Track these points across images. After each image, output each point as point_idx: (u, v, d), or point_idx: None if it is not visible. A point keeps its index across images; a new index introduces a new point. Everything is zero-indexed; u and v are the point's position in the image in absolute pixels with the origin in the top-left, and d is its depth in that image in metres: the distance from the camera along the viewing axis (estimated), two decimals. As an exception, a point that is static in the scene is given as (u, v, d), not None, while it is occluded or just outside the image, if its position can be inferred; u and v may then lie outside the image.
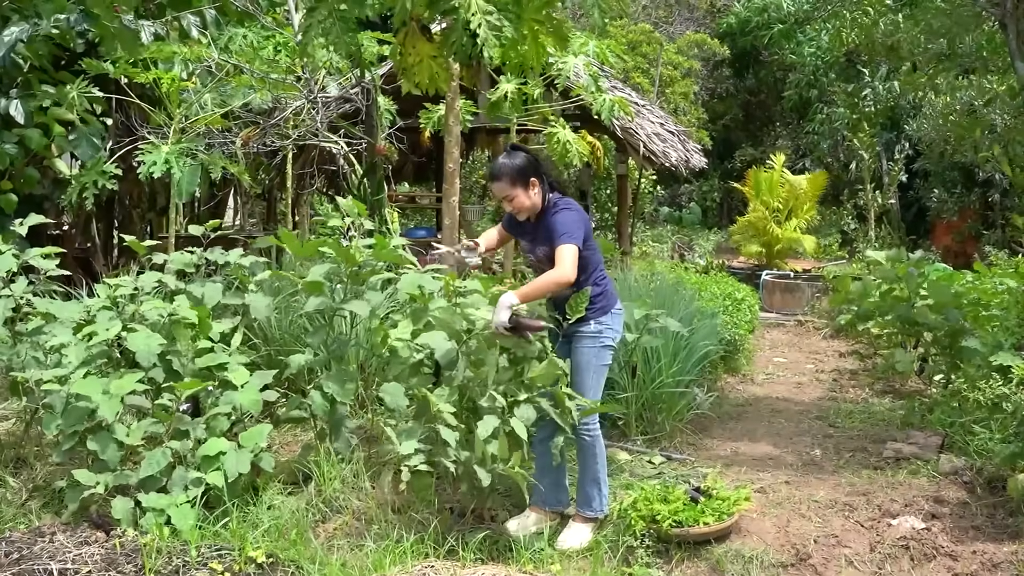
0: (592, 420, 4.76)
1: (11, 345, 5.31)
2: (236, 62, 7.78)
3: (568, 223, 4.62)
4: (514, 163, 4.74)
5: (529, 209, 4.78)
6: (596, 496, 4.81)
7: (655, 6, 25.44)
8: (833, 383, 8.80)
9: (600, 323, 4.77)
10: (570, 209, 4.72)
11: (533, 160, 4.79)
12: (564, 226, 4.61)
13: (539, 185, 4.76)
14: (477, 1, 4.56)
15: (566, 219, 4.64)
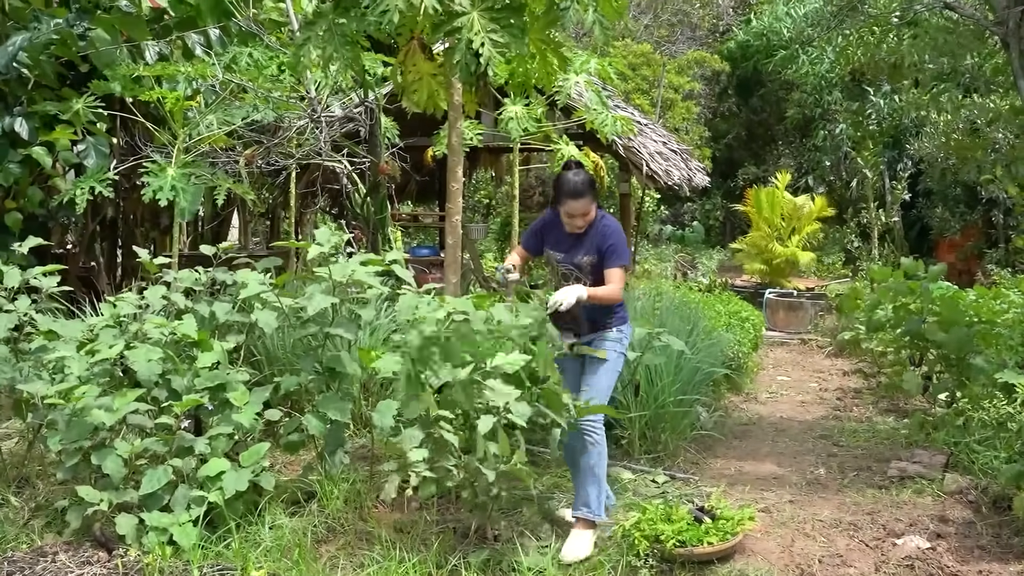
0: (598, 420, 4.89)
1: (14, 363, 5.31)
2: (240, 81, 7.81)
3: (620, 243, 4.90)
4: (589, 178, 4.93)
5: (585, 222, 4.95)
6: (595, 497, 4.86)
7: (657, 26, 25.53)
8: (837, 402, 8.78)
9: (620, 331, 5.05)
10: (615, 224, 5.00)
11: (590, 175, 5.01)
12: (617, 246, 4.88)
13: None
14: (480, 20, 4.58)
15: (618, 238, 4.91)
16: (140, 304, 5.48)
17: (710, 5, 25.90)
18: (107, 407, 4.49)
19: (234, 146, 8.94)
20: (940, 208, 17.76)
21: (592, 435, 4.86)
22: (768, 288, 13.98)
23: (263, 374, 5.88)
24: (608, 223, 4.99)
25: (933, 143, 13.17)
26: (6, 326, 5.30)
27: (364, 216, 8.96)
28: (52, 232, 8.84)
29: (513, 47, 4.62)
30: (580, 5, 4.85)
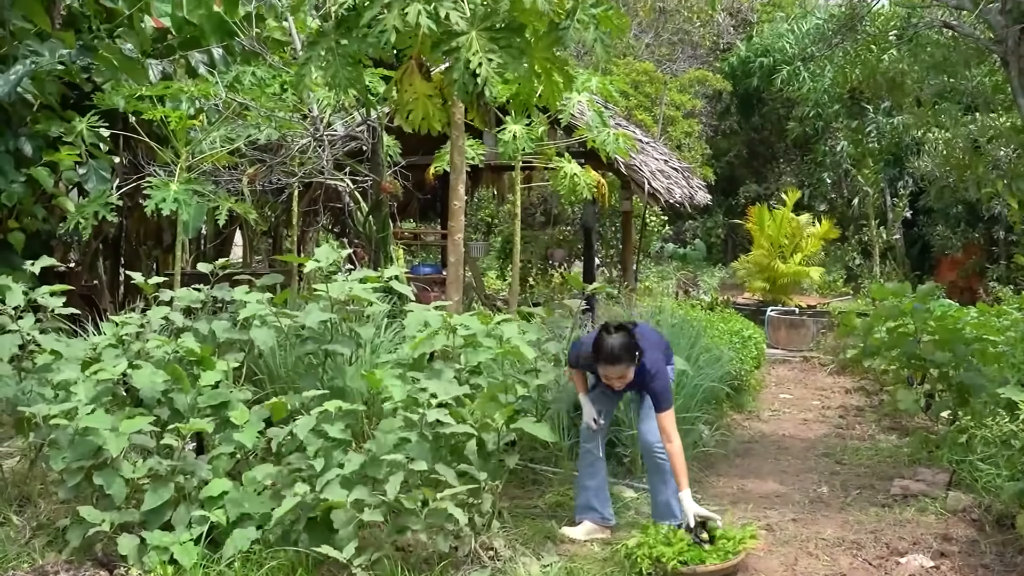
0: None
1: (17, 382, 5.32)
2: (243, 100, 7.84)
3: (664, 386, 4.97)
4: (627, 343, 4.90)
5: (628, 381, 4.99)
6: (678, 508, 5.02)
7: (658, 44, 25.62)
8: (839, 420, 8.77)
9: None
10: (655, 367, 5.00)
11: (631, 333, 4.96)
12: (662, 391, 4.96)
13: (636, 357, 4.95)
14: (479, 40, 4.60)
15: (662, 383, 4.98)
16: (142, 323, 5.49)
17: (711, 24, 25.99)
18: (112, 428, 4.49)
19: (237, 165, 8.97)
20: (941, 226, 17.78)
21: (661, 456, 5.05)
22: (770, 306, 13.98)
23: (264, 392, 5.88)
24: (649, 367, 4.97)
25: (934, 161, 13.19)
26: (11, 345, 5.31)
27: (366, 234, 8.98)
28: (55, 251, 8.86)
29: (511, 67, 4.63)
30: (581, 24, 4.88)
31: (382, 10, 4.63)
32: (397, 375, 4.86)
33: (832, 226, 15.52)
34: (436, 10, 4.55)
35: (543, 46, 5.11)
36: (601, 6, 4.97)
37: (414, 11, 4.50)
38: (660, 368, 5.02)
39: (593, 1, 4.96)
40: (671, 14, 25.50)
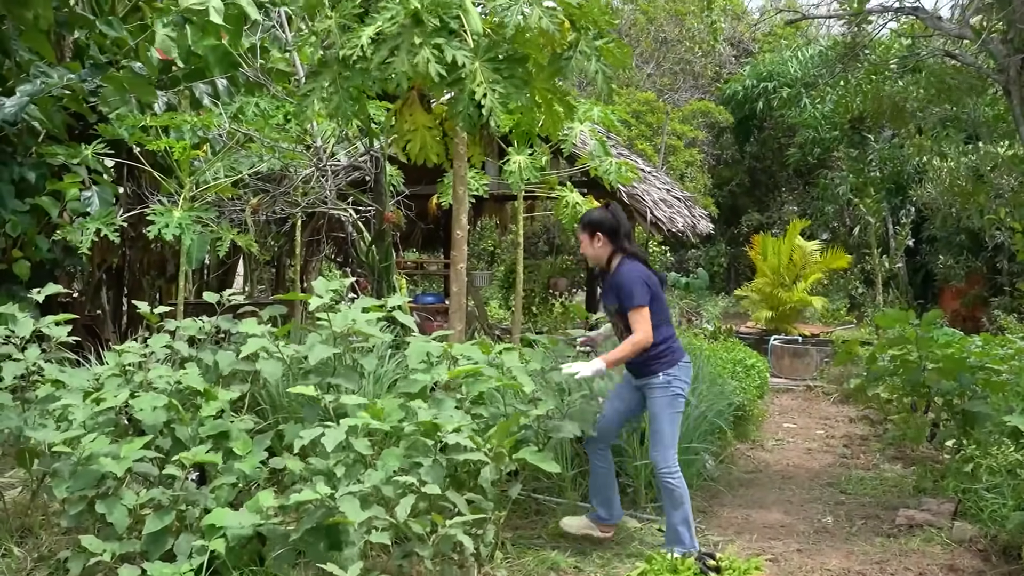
0: (673, 464, 5.15)
1: (20, 412, 5.31)
2: (246, 131, 7.87)
3: (630, 284, 5.14)
4: (593, 215, 5.42)
5: (592, 258, 5.44)
6: (686, 533, 5.15)
7: (660, 74, 25.75)
8: (844, 449, 8.74)
9: (668, 374, 5.21)
10: (631, 269, 5.24)
11: (611, 219, 5.34)
12: (628, 287, 5.15)
13: (604, 240, 5.32)
14: (483, 71, 4.63)
15: (628, 280, 5.17)
16: (144, 353, 5.49)
17: (712, 54, 26.13)
18: (114, 455, 4.49)
19: (240, 195, 9.00)
20: (944, 254, 17.79)
21: (669, 481, 5.15)
22: (773, 335, 13.96)
23: (267, 422, 5.87)
24: (623, 269, 5.25)
25: (936, 189, 13.23)
26: (12, 374, 5.32)
27: (369, 264, 8.98)
28: (58, 280, 8.87)
29: (515, 98, 4.66)
30: (583, 55, 4.91)
31: (391, 53, 4.67)
32: (399, 404, 4.85)
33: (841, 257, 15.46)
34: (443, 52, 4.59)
35: (544, 77, 5.15)
36: (603, 38, 5.01)
37: (423, 58, 4.54)
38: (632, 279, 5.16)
39: (595, 33, 5.00)
40: (673, 44, 25.66)
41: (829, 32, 25.14)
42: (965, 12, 8.45)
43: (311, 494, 4.15)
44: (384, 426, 4.59)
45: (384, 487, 4.31)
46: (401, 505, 4.19)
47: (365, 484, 4.29)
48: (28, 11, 7.55)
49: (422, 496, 4.31)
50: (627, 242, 5.37)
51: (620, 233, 5.34)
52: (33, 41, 7.78)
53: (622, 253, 5.34)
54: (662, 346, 5.21)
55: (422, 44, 4.60)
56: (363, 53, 4.78)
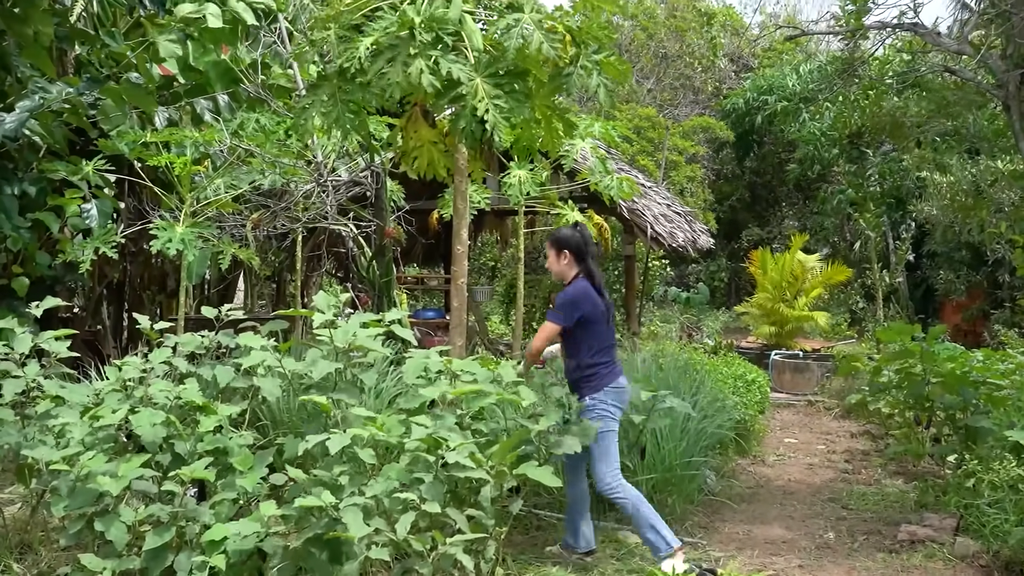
0: (610, 480, 5.31)
1: (20, 428, 5.30)
2: (247, 146, 7.89)
3: (562, 301, 5.42)
4: (562, 234, 5.57)
5: (556, 274, 5.63)
6: (660, 539, 5.24)
7: (660, 89, 25.82)
8: (845, 464, 8.72)
9: (593, 398, 5.39)
10: (575, 288, 5.46)
11: (578, 239, 5.52)
12: (559, 302, 5.44)
13: (570, 258, 5.50)
14: (484, 87, 4.64)
15: (564, 297, 5.43)
16: (145, 368, 5.48)
17: (712, 69, 26.21)
18: (112, 473, 4.47)
19: (241, 211, 9.01)
20: (945, 269, 17.78)
21: (613, 496, 5.32)
22: (774, 350, 13.95)
23: (268, 438, 5.85)
24: (569, 287, 5.50)
25: (937, 204, 13.24)
26: (13, 391, 5.30)
27: (370, 279, 8.99)
28: (59, 295, 8.87)
29: (517, 112, 4.67)
30: (584, 70, 4.92)
31: (386, 64, 4.68)
32: (400, 420, 4.84)
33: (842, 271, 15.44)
34: (438, 65, 4.60)
35: (545, 93, 5.16)
36: (603, 52, 5.02)
37: (416, 68, 4.55)
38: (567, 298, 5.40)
39: (595, 47, 5.01)
40: (673, 60, 25.73)
41: (828, 48, 25.24)
42: (964, 28, 8.47)
43: (315, 501, 4.14)
44: (390, 438, 4.59)
45: (386, 500, 4.30)
46: (401, 522, 4.17)
47: (368, 495, 4.28)
48: (29, 27, 7.57)
49: (422, 513, 4.30)
50: (590, 263, 5.55)
51: (585, 253, 5.52)
52: (34, 57, 7.81)
53: (583, 273, 5.52)
54: (589, 370, 5.39)
55: (417, 55, 4.62)
56: (361, 65, 4.79)
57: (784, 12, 33.51)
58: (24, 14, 7.50)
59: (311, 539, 4.25)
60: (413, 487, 4.39)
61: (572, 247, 5.48)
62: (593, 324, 5.40)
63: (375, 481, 4.39)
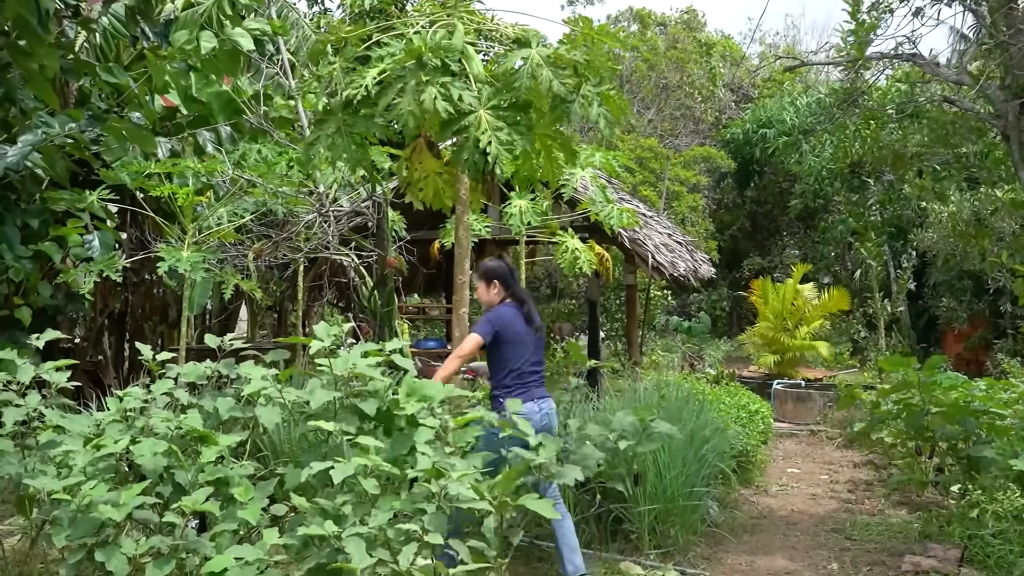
0: None
1: (20, 458, 5.29)
2: (249, 177, 7.92)
3: (483, 319, 5.62)
4: (490, 265, 5.85)
5: (486, 303, 5.83)
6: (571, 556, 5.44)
7: (660, 120, 25.94)
8: (848, 494, 8.68)
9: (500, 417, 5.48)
10: (498, 310, 5.70)
11: (504, 269, 5.83)
12: (481, 319, 5.63)
13: (499, 288, 5.76)
14: (487, 118, 4.66)
15: (484, 316, 5.67)
16: (146, 399, 5.47)
17: (712, 99, 26.35)
18: (113, 502, 4.45)
19: (243, 241, 9.03)
20: (947, 298, 17.78)
21: None
22: (776, 379, 13.92)
23: (268, 468, 5.83)
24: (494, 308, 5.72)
25: (938, 233, 13.25)
26: (13, 420, 5.30)
27: (371, 309, 8.99)
28: (60, 326, 8.88)
29: (519, 144, 4.69)
30: (585, 100, 4.95)
31: (397, 95, 4.70)
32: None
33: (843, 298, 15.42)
34: (449, 92, 4.63)
35: (546, 123, 5.19)
36: (605, 85, 5.05)
37: (429, 95, 4.57)
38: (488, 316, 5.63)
39: (596, 80, 5.04)
40: (673, 90, 25.87)
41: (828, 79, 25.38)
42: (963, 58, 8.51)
43: (318, 530, 4.12)
44: (394, 469, 4.57)
45: (389, 530, 4.28)
46: (404, 553, 4.15)
47: (371, 525, 4.25)
48: (34, 61, 7.63)
49: (425, 544, 4.28)
50: (517, 290, 5.83)
51: (512, 281, 5.81)
52: (38, 89, 7.86)
53: (511, 298, 5.77)
54: (503, 391, 5.55)
55: (428, 82, 4.65)
56: (368, 94, 4.82)
57: (783, 43, 33.76)
58: (30, 48, 7.56)
59: (313, 569, 4.23)
60: (416, 518, 4.37)
61: (499, 276, 5.76)
62: (509, 346, 5.58)
63: (377, 511, 4.37)
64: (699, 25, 29.55)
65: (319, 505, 4.47)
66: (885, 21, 8.34)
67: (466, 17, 5.37)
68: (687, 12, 29.86)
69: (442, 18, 5.36)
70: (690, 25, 29.21)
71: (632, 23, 29.10)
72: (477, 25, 5.59)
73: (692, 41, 26.75)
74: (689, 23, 29.39)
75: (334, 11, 17.16)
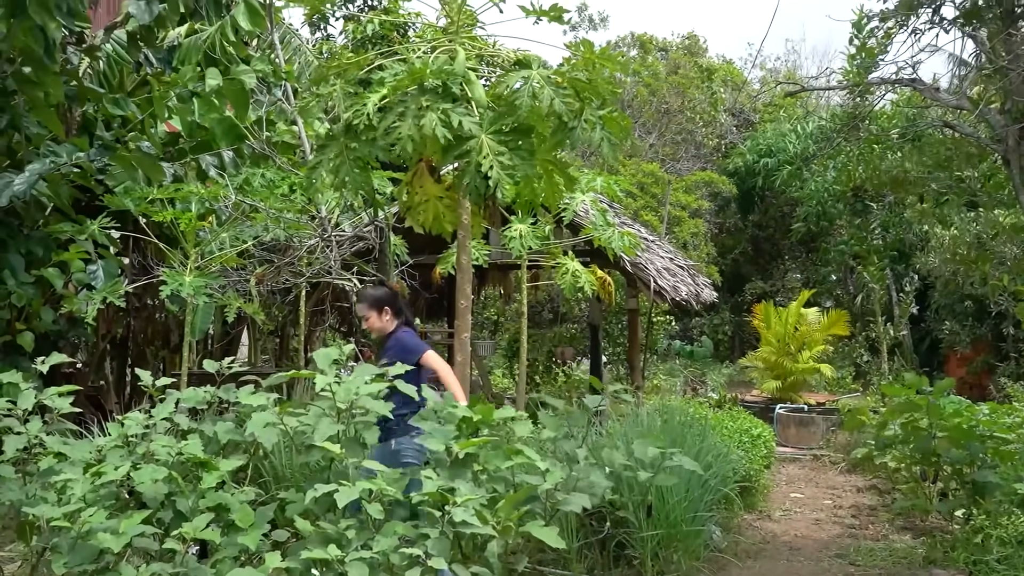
0: None
1: (21, 485, 5.27)
2: (252, 202, 7.94)
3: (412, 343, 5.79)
4: (378, 294, 5.97)
5: (378, 330, 5.94)
6: None
7: (662, 144, 26.01)
8: (852, 519, 8.64)
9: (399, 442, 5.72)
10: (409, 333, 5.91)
11: (391, 294, 6.01)
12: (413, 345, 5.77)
13: (390, 314, 5.91)
14: (489, 143, 4.67)
15: (411, 339, 5.83)
16: (147, 424, 5.46)
17: (713, 124, 26.43)
18: (113, 530, 4.44)
19: (245, 265, 9.04)
20: (949, 322, 17.77)
21: None
22: (778, 403, 13.89)
23: (270, 494, 5.81)
24: (403, 336, 5.86)
25: (939, 256, 13.25)
26: (14, 447, 5.29)
27: (373, 334, 8.99)
28: (62, 351, 8.88)
29: (521, 169, 4.70)
30: (588, 124, 4.97)
31: (397, 119, 4.72)
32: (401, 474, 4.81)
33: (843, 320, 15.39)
34: (449, 118, 4.64)
35: (547, 148, 5.20)
36: (607, 108, 5.07)
37: (429, 121, 4.59)
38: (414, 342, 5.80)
39: (599, 103, 5.06)
40: (674, 115, 25.96)
41: (828, 103, 25.47)
42: (963, 83, 8.55)
43: (321, 554, 4.11)
44: (397, 493, 4.56)
45: (392, 554, 4.26)
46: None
47: (375, 549, 4.24)
48: (39, 89, 7.67)
49: (428, 569, 4.26)
50: (408, 314, 6.06)
51: (401, 305, 6.00)
52: (42, 116, 7.90)
53: (405, 324, 5.97)
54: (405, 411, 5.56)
55: (428, 107, 4.67)
56: (369, 120, 4.84)
57: (784, 68, 33.90)
58: (36, 76, 7.61)
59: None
60: (419, 542, 4.35)
61: (389, 302, 5.91)
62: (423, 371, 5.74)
63: (381, 536, 4.35)
64: (700, 50, 29.72)
65: (322, 530, 4.46)
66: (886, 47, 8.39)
67: (468, 43, 5.40)
68: (688, 38, 30.04)
69: (444, 44, 5.39)
70: (691, 50, 29.38)
71: (633, 48, 29.27)
72: (479, 51, 5.62)
73: (694, 67, 26.88)
74: (691, 48, 29.56)
75: (336, 37, 17.22)
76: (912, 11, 8.04)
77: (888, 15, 8.19)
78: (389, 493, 4.52)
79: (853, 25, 8.46)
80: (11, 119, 7.80)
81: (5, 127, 7.78)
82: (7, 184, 7.29)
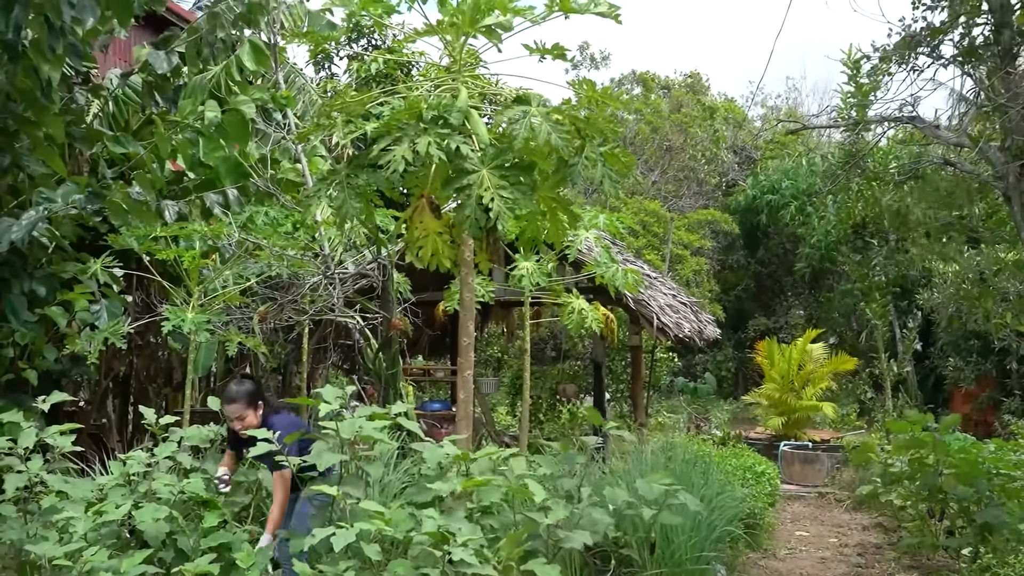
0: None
1: (22, 523, 5.25)
2: (255, 239, 7.96)
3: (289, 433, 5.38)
4: (246, 389, 5.66)
5: (254, 425, 5.54)
6: None
7: (664, 181, 26.10)
8: (858, 558, 8.57)
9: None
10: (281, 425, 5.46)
11: (258, 386, 5.79)
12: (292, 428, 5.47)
13: (262, 405, 5.69)
14: (490, 177, 4.70)
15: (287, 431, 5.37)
16: (149, 462, 5.45)
17: (715, 161, 26.53)
18: (114, 570, 4.42)
19: (248, 303, 9.05)
20: (953, 358, 17.71)
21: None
22: (783, 440, 13.83)
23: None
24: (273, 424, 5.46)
25: (942, 293, 13.25)
26: (15, 486, 5.28)
27: (376, 371, 8.99)
28: (65, 389, 8.87)
29: (522, 204, 4.72)
30: (589, 161, 4.99)
31: (392, 142, 4.75)
32: (409, 514, 4.79)
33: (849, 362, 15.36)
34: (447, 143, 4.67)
35: (549, 185, 5.22)
36: (608, 145, 5.10)
37: (424, 144, 4.62)
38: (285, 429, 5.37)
39: (600, 140, 5.09)
40: (676, 152, 26.08)
41: (829, 140, 25.58)
42: (963, 121, 8.59)
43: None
44: (396, 533, 4.53)
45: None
46: None
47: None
48: (40, 130, 7.73)
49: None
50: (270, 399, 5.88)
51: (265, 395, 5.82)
52: (45, 155, 7.94)
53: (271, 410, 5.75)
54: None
55: (425, 130, 4.70)
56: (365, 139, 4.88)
57: (785, 105, 34.08)
58: (36, 117, 7.67)
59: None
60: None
61: (261, 395, 5.73)
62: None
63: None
64: (703, 88, 29.90)
65: (322, 572, 4.43)
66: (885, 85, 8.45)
67: (470, 81, 5.43)
68: (691, 76, 30.23)
69: (447, 82, 5.43)
70: (694, 88, 29.55)
71: (635, 86, 29.46)
72: (481, 89, 5.66)
73: (696, 105, 27.03)
74: (693, 86, 29.74)
75: (341, 76, 17.34)
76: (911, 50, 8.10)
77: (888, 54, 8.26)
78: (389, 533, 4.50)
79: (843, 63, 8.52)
80: (13, 159, 7.85)
81: (8, 166, 7.83)
82: (6, 229, 7.32)
